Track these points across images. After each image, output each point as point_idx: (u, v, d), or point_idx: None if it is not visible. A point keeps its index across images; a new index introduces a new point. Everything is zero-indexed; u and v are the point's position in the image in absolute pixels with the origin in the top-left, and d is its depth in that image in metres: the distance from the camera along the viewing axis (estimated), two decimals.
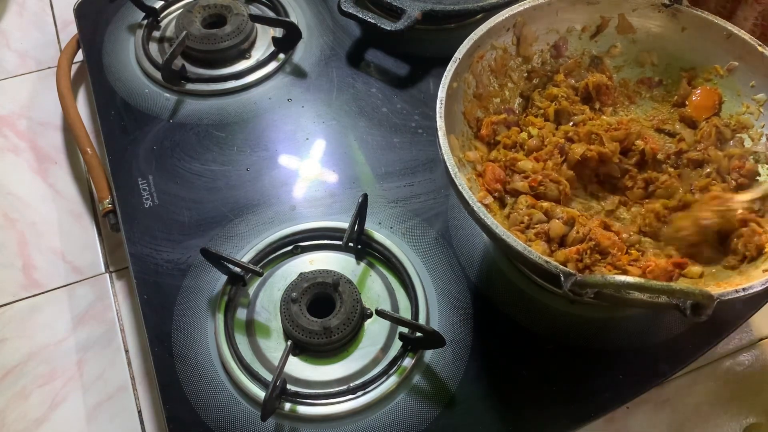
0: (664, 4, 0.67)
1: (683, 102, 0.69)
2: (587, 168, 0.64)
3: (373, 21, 0.80)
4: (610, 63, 0.72)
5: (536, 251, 0.51)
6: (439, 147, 0.57)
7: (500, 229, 0.52)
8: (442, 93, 0.60)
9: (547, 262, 0.50)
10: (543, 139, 0.65)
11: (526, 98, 0.71)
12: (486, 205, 0.58)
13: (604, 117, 0.68)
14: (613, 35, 0.71)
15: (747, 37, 0.64)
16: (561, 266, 0.49)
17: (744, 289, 0.49)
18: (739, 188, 0.61)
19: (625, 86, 0.72)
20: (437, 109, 0.59)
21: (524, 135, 0.66)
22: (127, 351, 0.70)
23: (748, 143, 0.65)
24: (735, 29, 0.65)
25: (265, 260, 0.67)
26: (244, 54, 0.83)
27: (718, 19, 0.65)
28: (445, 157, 0.56)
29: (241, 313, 0.64)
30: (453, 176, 0.55)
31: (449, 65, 0.62)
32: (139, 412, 0.67)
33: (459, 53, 0.63)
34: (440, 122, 0.58)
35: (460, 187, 0.54)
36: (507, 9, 0.66)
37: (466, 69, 0.64)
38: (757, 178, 0.62)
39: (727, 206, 0.58)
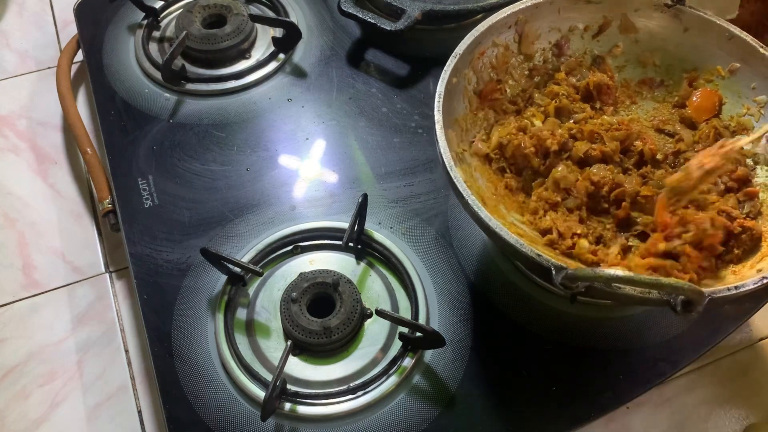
0: (666, 5, 0.67)
1: (684, 103, 0.69)
2: (589, 167, 0.64)
3: (373, 21, 0.80)
4: (612, 63, 0.71)
5: (529, 245, 0.51)
6: (437, 140, 0.57)
7: (494, 222, 0.52)
8: (441, 87, 0.60)
9: (539, 255, 0.50)
10: (549, 131, 0.65)
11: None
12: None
13: (605, 116, 0.68)
14: (616, 35, 0.71)
15: (749, 38, 0.64)
16: (552, 260, 0.49)
17: (736, 287, 0.48)
18: (728, 191, 0.61)
19: (627, 86, 0.71)
20: (435, 104, 0.59)
21: (527, 122, 0.66)
22: (127, 351, 0.70)
23: (747, 145, 0.64)
24: (737, 30, 0.64)
25: (265, 260, 0.67)
26: (244, 54, 0.83)
27: (720, 20, 0.65)
28: (442, 150, 0.56)
29: (241, 313, 0.64)
30: (449, 168, 0.55)
31: (449, 60, 0.62)
32: (139, 412, 0.67)
33: (459, 49, 0.63)
34: (438, 116, 0.59)
35: (455, 180, 0.55)
36: (508, 6, 0.66)
37: (467, 65, 0.65)
38: (755, 179, 0.62)
39: (731, 147, 0.57)
